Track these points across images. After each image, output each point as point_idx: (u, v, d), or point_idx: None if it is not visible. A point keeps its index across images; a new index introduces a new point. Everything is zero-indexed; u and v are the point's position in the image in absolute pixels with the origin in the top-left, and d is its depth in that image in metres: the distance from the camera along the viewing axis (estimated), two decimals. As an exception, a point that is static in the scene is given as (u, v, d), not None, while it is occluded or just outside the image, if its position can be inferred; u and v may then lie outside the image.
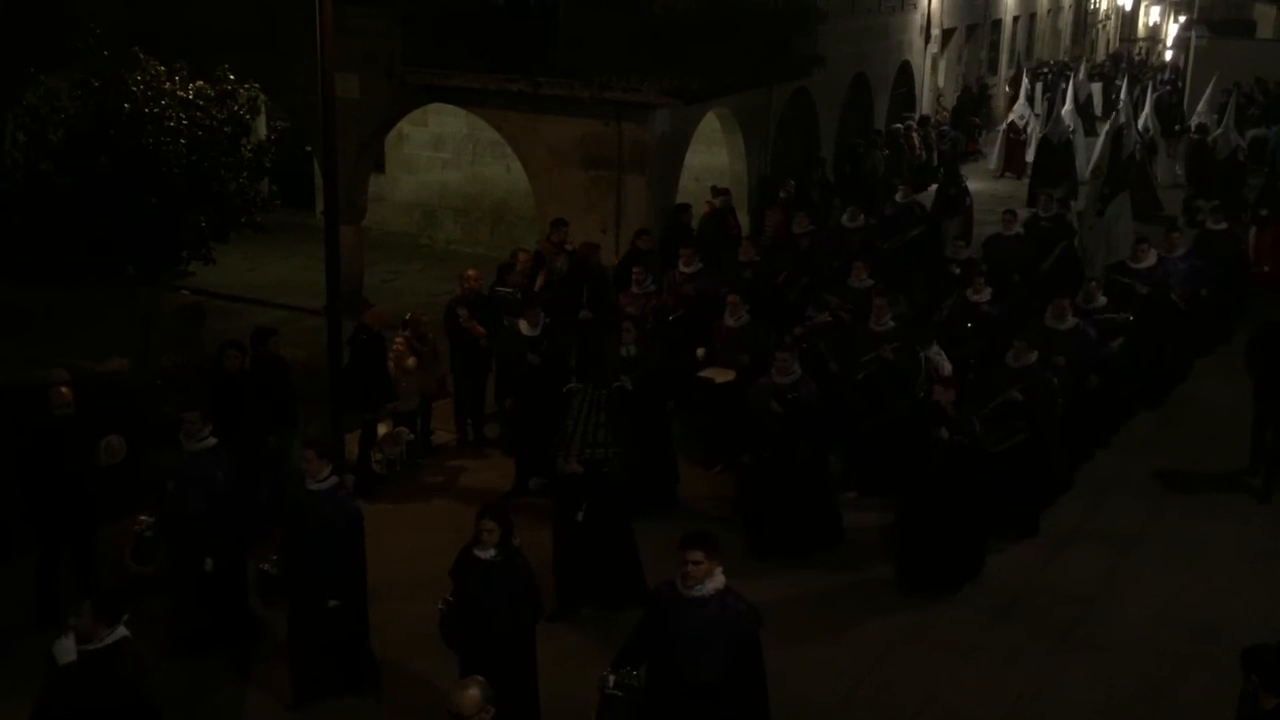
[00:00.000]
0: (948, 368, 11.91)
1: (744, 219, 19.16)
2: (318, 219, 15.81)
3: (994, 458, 10.73)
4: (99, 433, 9.82)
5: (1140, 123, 24.59)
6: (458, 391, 13.37)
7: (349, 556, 8.61)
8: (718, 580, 7.05)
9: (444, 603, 7.93)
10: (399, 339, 12.77)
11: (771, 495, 11.01)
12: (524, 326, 12.33)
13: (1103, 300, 13.59)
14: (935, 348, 12.20)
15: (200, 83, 13.68)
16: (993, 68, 35.32)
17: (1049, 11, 41.52)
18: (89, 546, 9.96)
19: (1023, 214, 18.18)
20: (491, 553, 7.84)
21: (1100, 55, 48.56)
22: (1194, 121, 26.65)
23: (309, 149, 17.15)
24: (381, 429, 12.58)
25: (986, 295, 13.66)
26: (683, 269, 14.30)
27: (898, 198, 18.44)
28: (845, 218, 17.07)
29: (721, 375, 12.48)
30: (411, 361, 12.69)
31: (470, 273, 13.42)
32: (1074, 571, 11.10)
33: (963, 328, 13.34)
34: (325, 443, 8.97)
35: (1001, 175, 27.29)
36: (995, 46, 35.63)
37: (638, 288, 13.84)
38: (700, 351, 12.92)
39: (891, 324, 12.48)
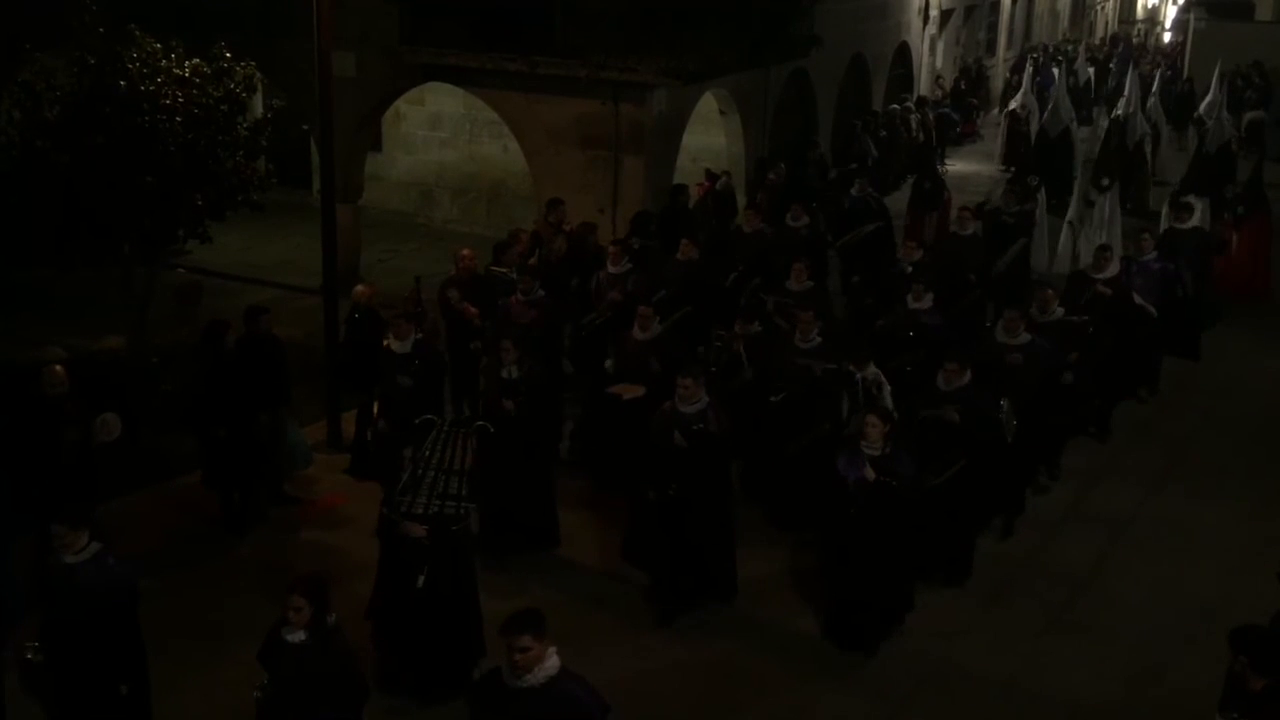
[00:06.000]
0: (887, 390, 10.82)
1: (741, 200, 19.13)
2: (315, 198, 15.80)
3: (929, 492, 9.74)
4: (94, 411, 9.84)
5: (1145, 112, 23.85)
6: (452, 372, 13.36)
7: (121, 632, 7.70)
8: (550, 665, 6.12)
9: (260, 689, 7.08)
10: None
11: (669, 536, 9.82)
12: (393, 342, 11.14)
13: (1059, 311, 12.50)
14: (873, 369, 10.98)
15: (196, 60, 13.65)
16: (991, 49, 35.24)
17: (1048, -7, 41.46)
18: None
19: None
20: (301, 635, 6.90)
21: (1098, 37, 48.38)
22: (1204, 112, 25.16)
23: (306, 128, 17.12)
24: (404, 382, 12.47)
25: (927, 302, 12.54)
26: (610, 269, 13.38)
27: (853, 191, 17.50)
28: (789, 216, 15.71)
29: (629, 391, 11.34)
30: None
31: (464, 253, 13.35)
32: (1066, 554, 11.15)
33: (902, 338, 12.34)
34: (77, 512, 7.74)
35: (1006, 169, 25.44)
36: (993, 28, 35.52)
37: (524, 295, 12.49)
38: (608, 364, 11.82)
39: (818, 339, 11.35)
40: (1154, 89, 25.96)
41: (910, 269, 13.83)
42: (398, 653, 8.75)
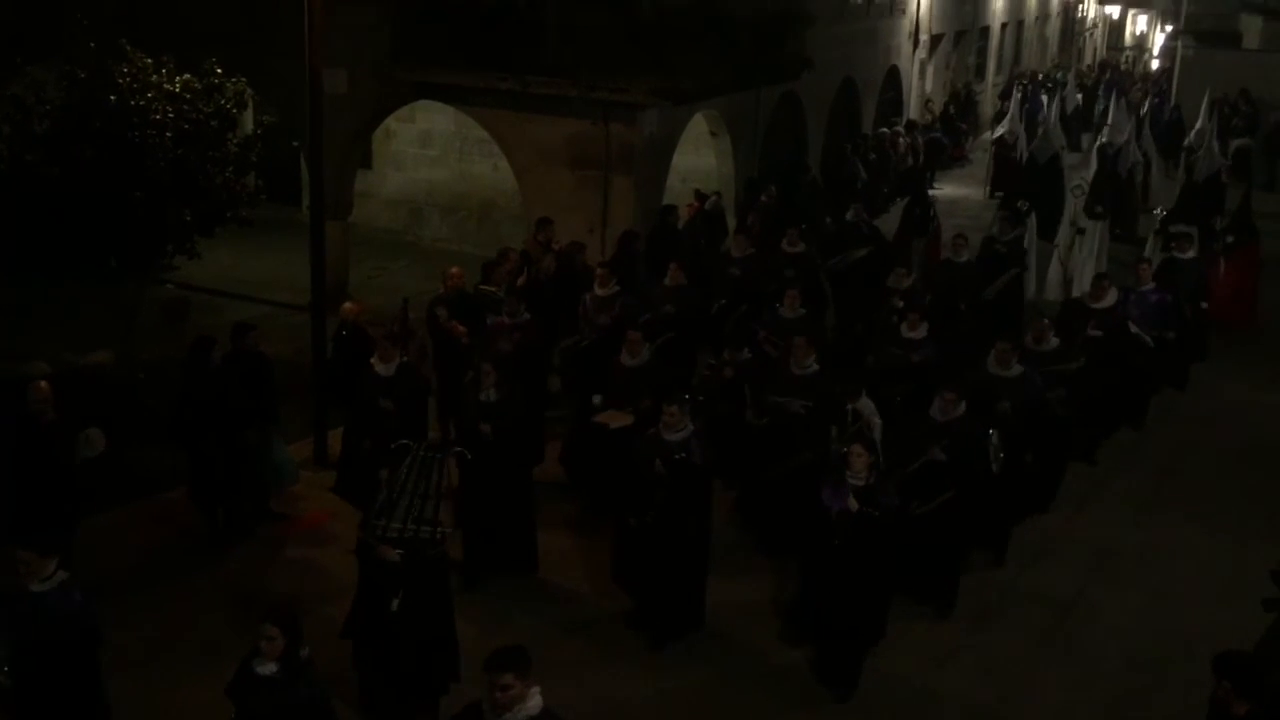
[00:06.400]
0: (878, 425, 10.70)
1: (731, 221, 19.17)
2: (304, 214, 15.78)
3: (914, 520, 9.76)
4: (79, 425, 9.81)
5: (1139, 141, 23.82)
6: (440, 390, 13.34)
7: (81, 666, 7.64)
8: (532, 706, 5.98)
9: None
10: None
11: (646, 564, 9.76)
12: (377, 365, 11.13)
13: (1054, 342, 12.30)
14: (865, 399, 10.89)
15: (187, 76, 13.68)
16: (980, 74, 35.43)
17: (1037, 19, 41.65)
18: (69, 540, 9.92)
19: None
20: (272, 668, 6.76)
21: (1086, 64, 48.63)
22: (1193, 140, 24.85)
23: (296, 144, 17.11)
24: (386, 405, 12.43)
25: (922, 331, 12.57)
26: (598, 291, 13.31)
27: (848, 216, 17.43)
28: (785, 242, 15.66)
29: (617, 420, 11.16)
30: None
31: (453, 271, 13.36)
32: (1051, 578, 11.15)
33: (894, 366, 12.35)
34: (46, 540, 7.67)
35: (993, 196, 25.34)
36: (983, 53, 35.72)
37: (510, 317, 12.43)
38: (596, 399, 11.63)
39: (814, 367, 11.29)
40: (1144, 116, 25.99)
41: (900, 300, 13.70)
42: (373, 676, 8.63)
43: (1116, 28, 57.81)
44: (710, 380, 11.99)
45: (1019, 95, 28.90)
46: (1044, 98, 30.47)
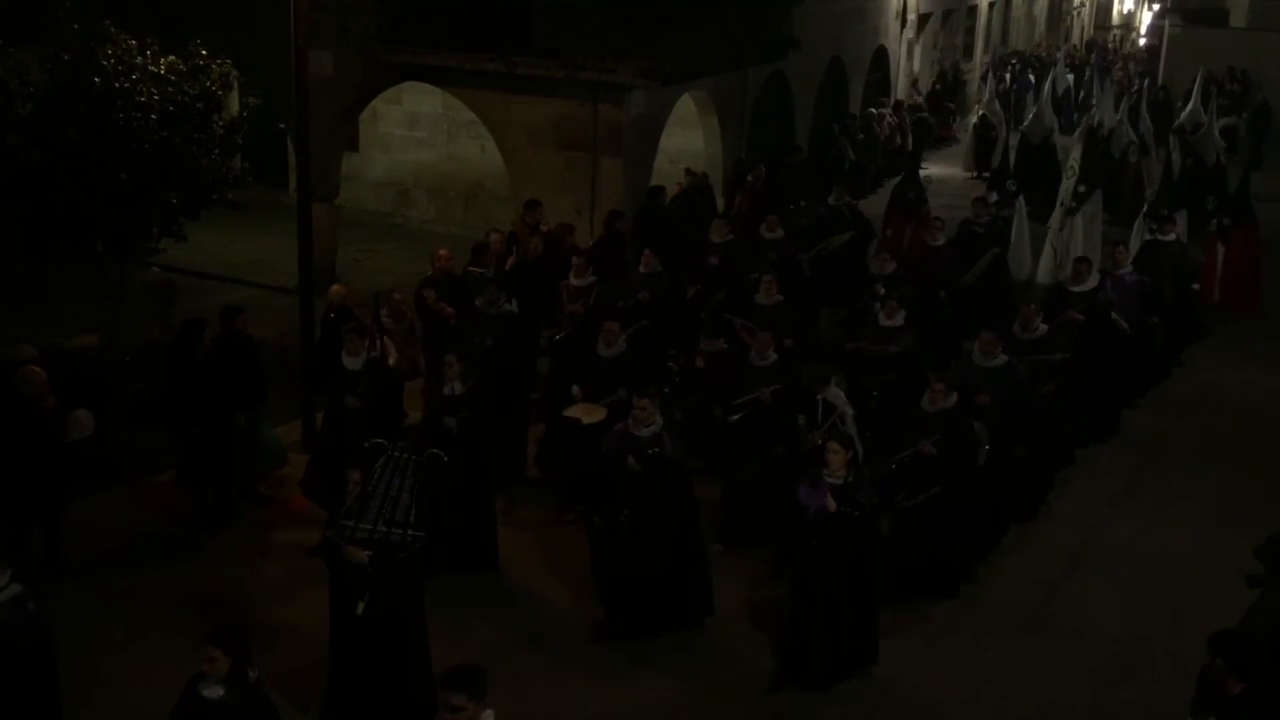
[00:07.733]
0: (850, 415, 10.38)
1: (719, 202, 19.15)
2: (291, 197, 15.75)
3: (903, 513, 9.64)
4: (67, 408, 9.77)
5: (1136, 122, 23.62)
6: (428, 373, 13.31)
7: (33, 680, 7.35)
8: None
9: None
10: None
11: (627, 563, 9.41)
12: (345, 359, 10.80)
13: (1043, 328, 12.07)
14: (834, 388, 10.59)
15: (172, 58, 13.59)
16: (968, 53, 35.38)
17: (1024, -2, 41.65)
18: (58, 523, 9.92)
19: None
20: (219, 691, 6.46)
21: (1072, 42, 48.59)
22: (1185, 121, 24.54)
23: (282, 126, 17.05)
24: (352, 404, 12.45)
25: (899, 320, 12.33)
26: (573, 281, 13.12)
27: (830, 200, 17.22)
28: (764, 228, 15.38)
29: (590, 414, 10.78)
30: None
31: (441, 252, 13.33)
32: (1037, 557, 11.17)
33: (872, 357, 12.16)
34: (3, 549, 7.49)
35: (977, 176, 25.37)
36: (970, 32, 35.67)
37: (490, 306, 12.04)
38: (576, 389, 11.20)
39: (774, 358, 11.09)
40: (1142, 99, 25.83)
41: (882, 286, 13.47)
42: (341, 688, 8.33)
43: (1104, 6, 57.76)
44: (680, 371, 11.81)
45: (1007, 76, 28.80)
46: (1032, 77, 30.38)
